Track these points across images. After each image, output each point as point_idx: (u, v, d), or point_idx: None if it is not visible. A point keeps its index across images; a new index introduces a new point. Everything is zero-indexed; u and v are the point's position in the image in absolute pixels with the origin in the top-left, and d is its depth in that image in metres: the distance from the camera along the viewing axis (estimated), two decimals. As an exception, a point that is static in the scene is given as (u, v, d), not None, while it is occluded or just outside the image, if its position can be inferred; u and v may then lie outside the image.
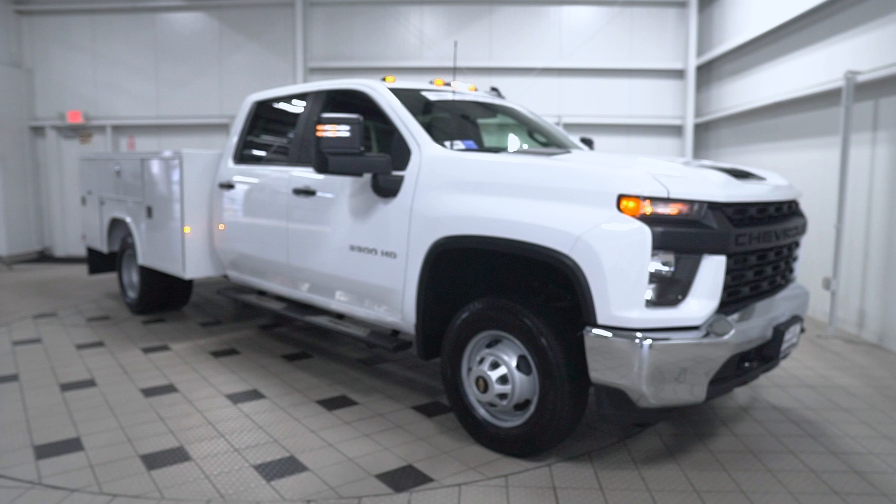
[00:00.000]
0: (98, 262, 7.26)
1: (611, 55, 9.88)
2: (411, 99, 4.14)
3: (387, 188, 3.69)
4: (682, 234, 2.80)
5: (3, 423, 3.69)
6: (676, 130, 9.90)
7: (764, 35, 7.41)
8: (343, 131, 3.56)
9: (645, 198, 2.79)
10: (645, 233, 2.73)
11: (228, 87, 10.28)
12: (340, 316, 4.58)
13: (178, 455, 3.28)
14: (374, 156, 3.65)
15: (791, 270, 3.68)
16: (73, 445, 3.38)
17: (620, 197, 2.82)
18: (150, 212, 5.77)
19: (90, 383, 4.38)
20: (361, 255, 3.92)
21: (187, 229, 5.32)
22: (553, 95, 10.06)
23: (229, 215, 5.18)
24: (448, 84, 4.70)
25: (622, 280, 2.76)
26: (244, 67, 10.23)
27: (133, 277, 6.59)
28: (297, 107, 4.81)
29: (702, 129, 9.71)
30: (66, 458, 3.23)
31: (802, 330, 3.57)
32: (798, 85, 6.67)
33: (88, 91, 10.36)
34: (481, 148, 3.95)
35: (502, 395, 3.19)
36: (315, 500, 2.84)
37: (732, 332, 2.86)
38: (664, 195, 2.79)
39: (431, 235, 3.45)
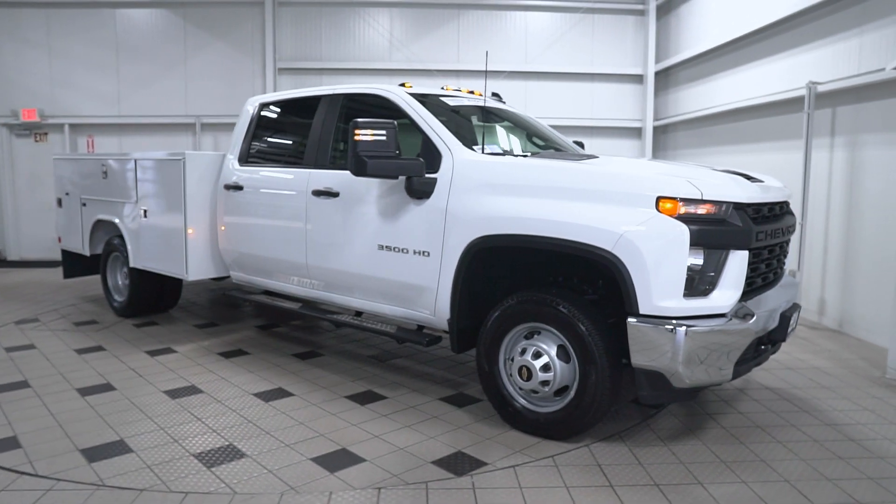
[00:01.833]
0: (74, 265, 7.05)
1: (574, 59, 10.30)
2: (432, 104, 4.32)
3: (420, 190, 3.86)
4: (713, 232, 3.12)
5: (36, 428, 3.64)
6: (636, 132, 10.43)
7: (722, 45, 7.96)
8: (380, 135, 3.72)
9: (681, 199, 3.09)
10: (684, 231, 3.03)
11: (194, 86, 10.10)
12: (358, 314, 4.70)
13: (231, 452, 3.36)
14: (409, 159, 3.82)
15: (784, 263, 4.09)
16: (119, 448, 3.40)
17: (659, 198, 3.11)
18: (145, 213, 5.69)
19: (108, 387, 4.34)
20: (391, 254, 4.07)
21: (190, 231, 5.30)
22: (519, 98, 10.38)
23: (237, 217, 5.19)
24: (458, 90, 4.90)
25: (663, 273, 3.05)
26: (210, 67, 10.07)
27: (119, 280, 6.47)
28: (309, 110, 4.88)
29: (660, 132, 10.27)
30: (119, 461, 3.25)
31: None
32: (758, 92, 7.23)
33: (43, 88, 9.94)
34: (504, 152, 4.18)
35: (544, 383, 3.44)
36: (385, 487, 3.00)
37: (754, 318, 3.21)
38: (698, 197, 3.10)
39: (468, 235, 3.65)
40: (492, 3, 10.13)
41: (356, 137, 3.69)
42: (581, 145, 5.70)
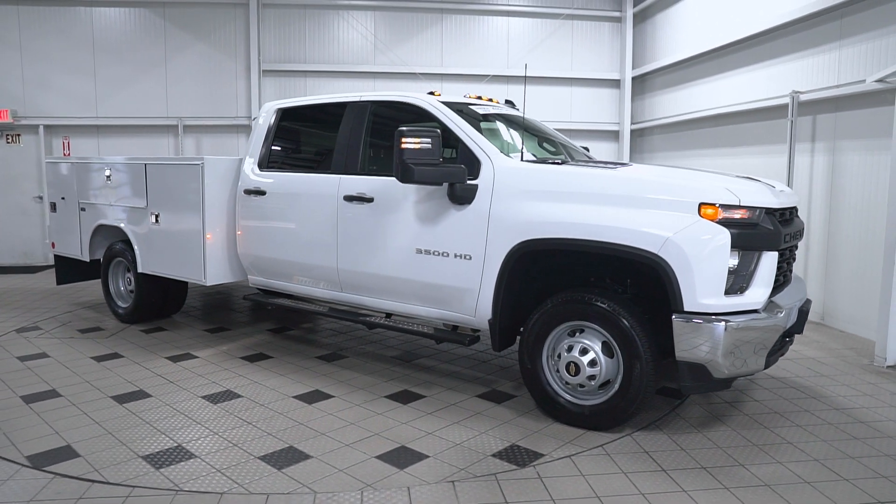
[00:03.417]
0: (69, 271, 6.90)
1: (554, 64, 10.60)
2: (464, 112, 4.48)
3: (462, 196, 4.02)
4: (749, 235, 3.40)
5: (87, 437, 3.64)
6: (614, 135, 10.82)
7: (700, 55, 8.39)
8: (425, 143, 3.86)
9: (721, 205, 3.36)
10: (725, 234, 3.30)
11: (175, 87, 9.94)
12: (388, 315, 4.81)
13: (295, 454, 3.44)
14: (453, 166, 3.97)
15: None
16: (181, 453, 3.44)
17: (701, 204, 3.37)
18: (157, 218, 5.65)
19: (143, 394, 4.34)
20: (431, 258, 4.21)
21: (208, 235, 5.31)
22: (501, 101, 10.60)
23: (259, 221, 5.22)
24: (480, 97, 5.08)
25: (706, 274, 3.30)
26: (192, 68, 9.93)
27: (121, 286, 6.38)
28: (333, 116, 4.96)
29: (637, 135, 10.69)
30: (185, 466, 3.30)
31: (806, 310, 4.33)
32: (737, 99, 7.66)
33: (16, 88, 9.61)
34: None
35: (591, 377, 3.66)
36: (457, 480, 3.15)
37: (783, 313, 3.51)
38: (736, 203, 3.38)
39: (512, 239, 3.83)
40: (474, 8, 10.34)
41: (402, 145, 3.82)
42: (587, 150, 5.96)
